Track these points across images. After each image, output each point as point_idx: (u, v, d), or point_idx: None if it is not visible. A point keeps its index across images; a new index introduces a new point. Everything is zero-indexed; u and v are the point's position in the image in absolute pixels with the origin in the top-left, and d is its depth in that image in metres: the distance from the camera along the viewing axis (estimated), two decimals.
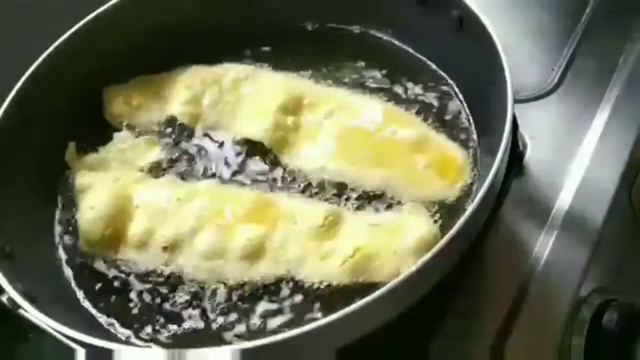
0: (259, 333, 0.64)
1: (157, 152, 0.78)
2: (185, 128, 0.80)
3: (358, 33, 0.87)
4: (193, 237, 0.69)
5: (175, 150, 0.79)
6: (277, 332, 0.63)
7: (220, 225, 0.69)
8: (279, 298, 0.66)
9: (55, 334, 0.58)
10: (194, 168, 0.77)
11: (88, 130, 0.81)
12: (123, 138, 0.80)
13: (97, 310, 0.68)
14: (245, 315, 0.65)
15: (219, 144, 0.79)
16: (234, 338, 0.64)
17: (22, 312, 0.60)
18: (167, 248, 0.69)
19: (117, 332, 0.66)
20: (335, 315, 0.54)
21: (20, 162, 0.74)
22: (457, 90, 0.78)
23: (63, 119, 0.79)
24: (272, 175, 0.75)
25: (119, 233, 0.71)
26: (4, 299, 0.61)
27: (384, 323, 0.58)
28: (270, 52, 0.85)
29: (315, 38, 0.87)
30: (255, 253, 0.67)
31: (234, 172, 0.76)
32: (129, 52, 0.84)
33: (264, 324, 0.64)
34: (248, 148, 0.77)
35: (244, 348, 0.54)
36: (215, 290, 0.67)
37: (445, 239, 0.56)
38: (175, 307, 0.67)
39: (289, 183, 0.74)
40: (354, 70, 0.83)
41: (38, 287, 0.65)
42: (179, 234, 0.69)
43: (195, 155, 0.78)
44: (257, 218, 0.69)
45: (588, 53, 0.86)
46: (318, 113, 0.77)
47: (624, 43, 0.85)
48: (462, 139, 0.74)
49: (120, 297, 0.69)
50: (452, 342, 0.65)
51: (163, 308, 0.67)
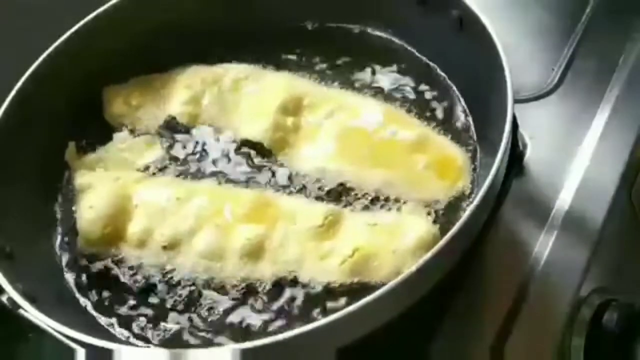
0: (259, 333, 0.64)
1: (156, 151, 0.78)
2: (185, 128, 0.80)
3: (358, 33, 0.87)
4: (192, 236, 0.69)
5: (175, 150, 0.79)
6: (277, 332, 0.63)
7: (220, 225, 0.69)
8: (279, 298, 0.66)
9: (55, 334, 0.58)
10: (194, 168, 0.77)
11: (88, 130, 0.81)
12: (123, 138, 0.80)
13: (97, 310, 0.68)
14: (245, 315, 0.65)
15: (219, 144, 0.79)
16: (234, 338, 0.64)
17: (22, 312, 0.60)
18: (166, 247, 0.69)
19: (116, 332, 0.66)
20: (335, 315, 0.54)
21: (20, 162, 0.74)
22: (457, 90, 0.78)
23: (63, 119, 0.80)
24: (271, 176, 0.75)
25: (119, 232, 0.71)
26: (4, 299, 0.61)
27: (384, 323, 0.58)
28: (270, 52, 0.85)
29: (315, 38, 0.87)
30: (255, 253, 0.67)
31: (233, 172, 0.76)
32: (129, 52, 0.84)
33: (264, 324, 0.64)
34: (248, 148, 0.77)
35: (244, 348, 0.54)
36: (215, 290, 0.67)
37: (445, 239, 0.56)
38: (175, 307, 0.67)
39: (289, 183, 0.74)
40: (354, 71, 0.83)
41: (38, 287, 0.65)
42: (178, 234, 0.69)
43: (195, 155, 0.78)
44: (256, 218, 0.69)
45: (588, 53, 0.86)
46: (318, 113, 0.77)
47: (624, 43, 0.85)
48: (462, 139, 0.74)
49: (120, 297, 0.69)
50: (452, 342, 0.65)
51: (163, 308, 0.67)
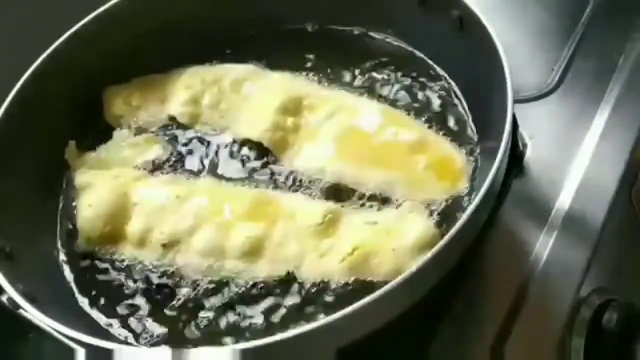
0: (259, 332, 0.64)
1: (156, 150, 0.79)
2: (185, 128, 0.80)
3: (358, 34, 0.87)
4: (192, 235, 0.69)
5: (175, 149, 0.79)
6: (276, 331, 0.63)
7: (219, 223, 0.69)
8: (278, 296, 0.66)
9: (55, 334, 0.58)
10: (194, 167, 0.77)
11: (88, 130, 0.81)
12: (123, 136, 0.80)
13: (97, 310, 0.68)
14: (245, 315, 0.65)
15: (219, 144, 0.79)
16: (234, 338, 0.64)
17: (22, 312, 0.60)
18: (166, 245, 0.69)
19: (116, 332, 0.66)
20: (335, 315, 0.54)
21: (21, 161, 0.74)
22: (457, 90, 0.78)
23: (63, 119, 0.80)
24: (271, 176, 0.75)
25: (118, 231, 0.71)
26: (4, 299, 0.61)
27: (384, 323, 0.58)
28: (270, 52, 0.85)
29: (315, 39, 0.87)
30: (254, 251, 0.67)
31: (233, 172, 0.76)
32: (129, 52, 0.84)
33: (264, 323, 0.64)
34: (248, 148, 0.77)
35: (244, 348, 0.54)
36: (215, 289, 0.67)
37: (446, 239, 0.56)
38: (175, 306, 0.67)
39: (288, 184, 0.74)
40: (354, 71, 0.83)
41: (38, 287, 0.65)
42: (178, 232, 0.69)
43: (195, 155, 0.78)
44: (256, 216, 0.69)
45: (588, 53, 0.86)
46: (318, 114, 0.77)
47: (624, 43, 0.85)
48: (462, 139, 0.74)
49: (120, 296, 0.69)
50: (452, 342, 0.65)
51: (163, 307, 0.67)
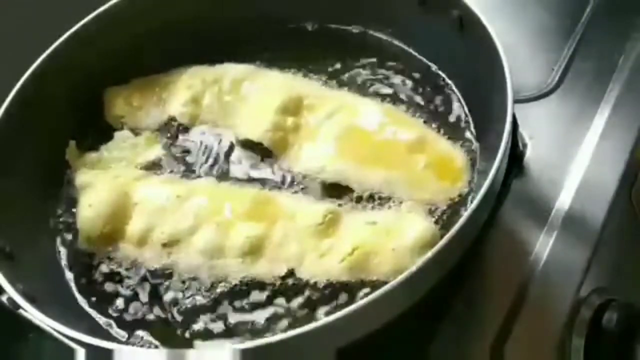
0: (259, 332, 0.64)
1: (157, 150, 0.79)
2: (186, 128, 0.80)
3: (358, 33, 0.87)
4: (192, 234, 0.69)
5: (175, 149, 0.79)
6: (276, 331, 0.63)
7: (220, 223, 0.69)
8: (278, 296, 0.66)
9: (55, 334, 0.58)
10: (194, 167, 0.77)
11: (88, 130, 0.81)
12: (124, 136, 0.80)
13: (97, 310, 0.68)
14: (245, 314, 0.65)
15: (219, 144, 0.79)
16: (234, 338, 0.64)
17: (22, 312, 0.60)
18: (166, 245, 0.69)
19: (116, 332, 0.66)
20: (335, 315, 0.54)
21: (21, 162, 0.74)
22: (457, 90, 0.78)
23: (63, 119, 0.80)
24: (271, 176, 0.75)
25: (119, 230, 0.71)
26: (4, 299, 0.61)
27: (384, 323, 0.58)
28: (270, 52, 0.85)
29: (315, 38, 0.87)
30: (254, 251, 0.67)
31: (234, 172, 0.76)
32: (129, 52, 0.84)
33: (264, 323, 0.64)
34: (248, 148, 0.77)
35: (244, 348, 0.54)
36: (215, 289, 0.67)
37: (446, 239, 0.56)
38: (175, 306, 0.67)
39: (289, 183, 0.74)
40: (354, 71, 0.83)
41: (38, 287, 0.65)
42: (178, 232, 0.69)
43: (195, 155, 0.78)
44: (256, 216, 0.69)
45: (588, 53, 0.86)
46: (318, 113, 0.77)
47: (624, 43, 0.85)
48: (462, 139, 0.74)
49: (120, 296, 0.69)
50: (452, 342, 0.65)
51: (162, 307, 0.67)
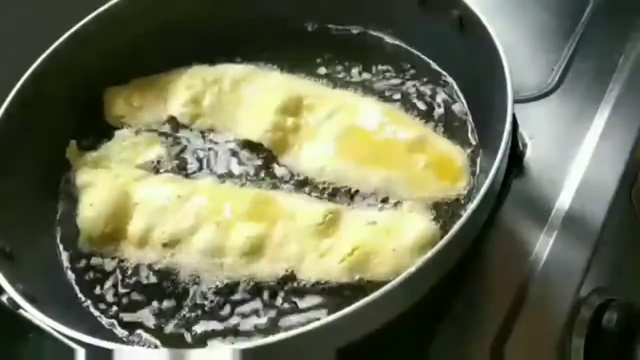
0: (259, 332, 0.64)
1: (157, 150, 0.79)
2: (186, 128, 0.80)
3: (358, 33, 0.87)
4: (192, 234, 0.69)
5: (176, 149, 0.79)
6: (276, 331, 0.63)
7: (220, 223, 0.69)
8: (279, 296, 0.66)
9: (55, 334, 0.58)
10: (194, 167, 0.77)
11: (88, 130, 0.81)
12: (124, 136, 0.80)
13: (97, 310, 0.68)
14: (245, 314, 0.65)
15: (219, 144, 0.79)
16: (234, 337, 0.64)
17: (22, 312, 0.60)
18: (166, 245, 0.69)
19: (117, 332, 0.66)
20: (335, 315, 0.54)
21: (21, 162, 0.74)
22: (457, 90, 0.78)
23: (63, 119, 0.80)
24: (271, 176, 0.75)
25: (119, 230, 0.71)
26: (4, 299, 0.61)
27: (384, 323, 0.58)
28: (270, 52, 0.85)
29: (315, 38, 0.87)
30: (255, 250, 0.67)
31: (233, 172, 0.76)
32: (129, 52, 0.84)
33: (264, 323, 0.64)
34: (248, 148, 0.77)
35: (244, 348, 0.54)
36: (215, 289, 0.67)
37: (446, 239, 0.56)
38: (175, 306, 0.67)
39: (289, 183, 0.74)
40: (354, 71, 0.83)
41: (38, 287, 0.65)
42: (179, 231, 0.69)
43: (195, 155, 0.78)
44: (256, 216, 0.69)
45: (588, 53, 0.86)
46: (318, 114, 0.77)
47: (624, 43, 0.85)
48: (462, 139, 0.74)
49: (121, 296, 0.69)
50: (452, 342, 0.65)
51: (162, 307, 0.67)
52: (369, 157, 0.73)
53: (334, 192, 0.72)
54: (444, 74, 0.80)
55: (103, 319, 0.67)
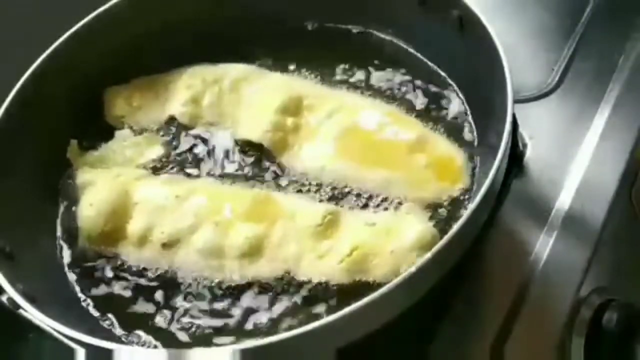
0: (259, 332, 0.64)
1: (157, 150, 0.79)
2: (186, 128, 0.80)
3: (358, 33, 0.87)
4: (192, 234, 0.69)
5: (176, 149, 0.79)
6: (276, 331, 0.63)
7: (219, 223, 0.69)
8: (278, 296, 0.66)
9: (55, 334, 0.58)
10: (194, 167, 0.77)
11: (89, 130, 0.81)
12: (124, 136, 0.80)
13: (97, 310, 0.68)
14: (245, 314, 0.65)
15: (219, 144, 0.79)
16: (234, 338, 0.64)
17: (22, 312, 0.60)
18: (166, 245, 0.69)
19: (117, 332, 0.66)
20: (335, 315, 0.54)
21: (21, 162, 0.74)
22: (457, 90, 0.78)
23: (63, 119, 0.79)
24: (271, 176, 0.75)
25: (119, 229, 0.71)
26: (4, 299, 0.61)
27: (384, 323, 0.58)
28: (270, 52, 0.85)
29: (315, 38, 0.87)
30: (254, 251, 0.67)
31: (233, 172, 0.76)
32: (129, 52, 0.84)
33: (264, 323, 0.64)
34: (248, 148, 0.77)
35: (244, 348, 0.54)
36: (215, 289, 0.67)
37: (446, 239, 0.56)
38: (175, 306, 0.67)
39: (288, 183, 0.74)
40: (354, 71, 0.83)
41: (38, 287, 0.65)
42: (178, 231, 0.69)
43: (195, 154, 0.78)
44: (255, 216, 0.69)
45: (588, 53, 0.86)
46: (318, 114, 0.77)
47: (624, 43, 0.85)
48: (462, 139, 0.74)
49: (120, 296, 0.69)
50: (452, 342, 0.65)
51: (162, 307, 0.67)
52: (369, 157, 0.73)
53: (334, 192, 0.72)
54: (444, 74, 0.80)
55: (103, 319, 0.67)
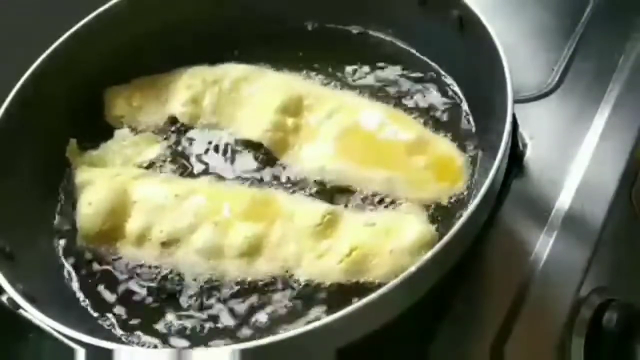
0: (259, 332, 0.64)
1: (156, 149, 0.79)
2: (186, 128, 0.80)
3: (358, 33, 0.87)
4: (191, 233, 0.69)
5: (175, 149, 0.79)
6: (276, 331, 0.63)
7: (218, 223, 0.69)
8: (277, 296, 0.66)
9: (55, 334, 0.58)
10: (193, 166, 0.77)
11: (88, 130, 0.81)
12: (124, 135, 0.80)
13: (97, 310, 0.68)
14: (245, 314, 0.65)
15: (219, 144, 0.79)
16: (234, 337, 0.64)
17: (22, 312, 0.60)
18: (165, 244, 0.69)
19: (117, 332, 0.66)
20: (335, 315, 0.54)
21: (21, 162, 0.74)
22: (457, 90, 0.78)
23: (63, 119, 0.79)
24: (271, 176, 0.75)
25: (118, 228, 0.71)
26: (4, 299, 0.61)
27: (384, 323, 0.58)
28: (270, 52, 0.85)
29: (315, 38, 0.87)
30: (253, 250, 0.67)
31: (233, 172, 0.76)
32: (129, 52, 0.84)
33: (264, 323, 0.64)
34: (248, 148, 0.77)
35: (244, 348, 0.54)
36: (214, 289, 0.67)
37: (446, 239, 0.56)
38: (175, 306, 0.67)
39: (288, 183, 0.74)
40: (354, 71, 0.83)
41: (38, 287, 0.65)
42: (177, 231, 0.69)
43: (195, 154, 0.78)
44: (254, 216, 0.69)
45: (588, 53, 0.86)
46: (318, 114, 0.77)
47: (624, 43, 0.85)
48: (462, 139, 0.74)
49: (121, 296, 0.69)
50: (452, 342, 0.65)
51: (162, 307, 0.67)
52: (369, 157, 0.73)
53: (334, 192, 0.72)
54: (444, 74, 0.80)
55: (103, 319, 0.67)
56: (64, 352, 0.58)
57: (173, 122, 0.81)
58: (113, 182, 0.74)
